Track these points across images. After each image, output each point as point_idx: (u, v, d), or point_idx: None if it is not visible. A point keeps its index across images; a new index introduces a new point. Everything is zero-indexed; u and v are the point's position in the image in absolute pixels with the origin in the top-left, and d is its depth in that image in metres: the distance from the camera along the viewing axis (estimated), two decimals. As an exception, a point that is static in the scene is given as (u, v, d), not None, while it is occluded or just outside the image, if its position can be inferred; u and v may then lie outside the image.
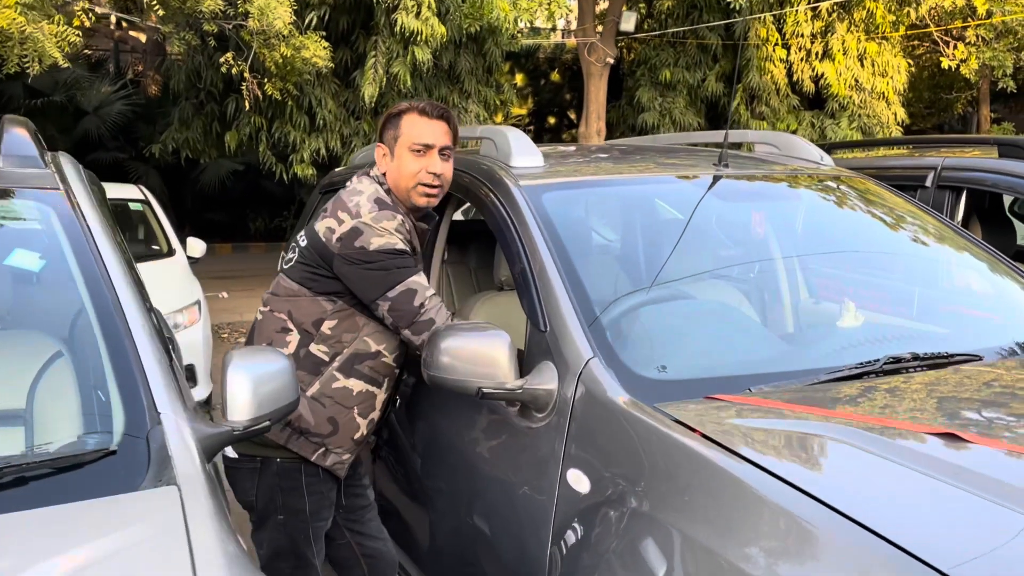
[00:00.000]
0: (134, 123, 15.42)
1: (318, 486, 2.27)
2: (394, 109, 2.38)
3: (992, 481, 1.45)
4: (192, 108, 10.14)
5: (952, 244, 2.80)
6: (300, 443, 2.23)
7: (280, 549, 2.29)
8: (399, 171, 2.30)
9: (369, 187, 2.28)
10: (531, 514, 1.97)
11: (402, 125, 2.31)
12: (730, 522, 1.48)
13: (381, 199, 2.24)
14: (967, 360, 2.10)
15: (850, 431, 1.62)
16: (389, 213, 2.20)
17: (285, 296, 2.28)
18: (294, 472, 2.25)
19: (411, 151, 2.28)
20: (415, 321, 2.17)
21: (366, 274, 2.16)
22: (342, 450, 2.28)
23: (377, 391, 2.31)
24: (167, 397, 1.61)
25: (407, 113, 2.32)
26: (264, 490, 2.26)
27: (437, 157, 2.30)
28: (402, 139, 2.30)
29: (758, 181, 2.77)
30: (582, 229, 2.65)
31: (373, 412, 2.32)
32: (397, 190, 2.30)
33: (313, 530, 2.30)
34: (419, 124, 2.30)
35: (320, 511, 2.30)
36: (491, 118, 11.52)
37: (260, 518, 2.31)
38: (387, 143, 2.34)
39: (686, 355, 2.14)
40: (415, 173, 2.28)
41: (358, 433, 2.30)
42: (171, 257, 6.63)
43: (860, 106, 11.75)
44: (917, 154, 4.42)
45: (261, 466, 2.25)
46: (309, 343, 2.24)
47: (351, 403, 2.26)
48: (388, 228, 2.18)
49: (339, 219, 2.21)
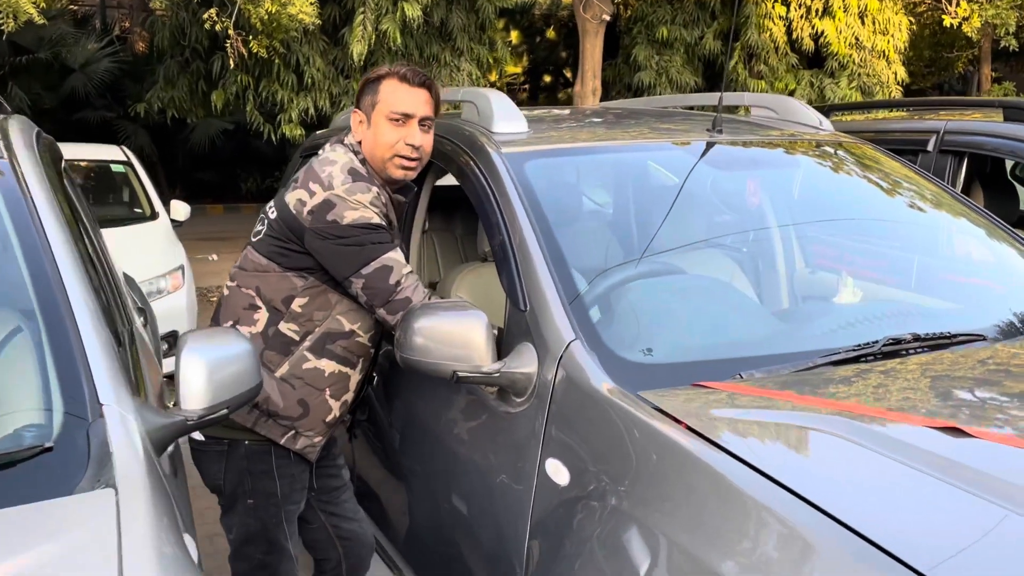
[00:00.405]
0: (121, 80, 15.14)
1: (289, 468, 2.17)
2: (373, 73, 2.22)
3: (995, 480, 1.35)
4: (177, 66, 9.88)
5: (952, 211, 2.68)
6: (268, 426, 2.12)
7: (250, 534, 2.20)
8: (375, 140, 2.16)
9: (343, 156, 2.13)
10: (509, 504, 1.87)
11: (381, 91, 2.16)
12: (717, 526, 1.37)
13: (355, 170, 2.10)
14: (969, 340, 1.99)
15: (845, 424, 1.51)
16: (364, 185, 2.06)
17: (253, 271, 2.15)
18: (263, 454, 2.14)
19: (389, 120, 2.14)
20: (390, 300, 2.04)
21: (339, 250, 2.03)
22: (313, 433, 2.17)
23: (351, 372, 2.19)
24: (112, 387, 1.49)
25: (387, 78, 2.17)
26: (232, 474, 2.16)
27: (416, 128, 2.15)
28: (380, 106, 2.15)
29: (753, 147, 2.64)
30: (566, 200, 2.52)
31: (346, 394, 2.21)
32: (372, 160, 2.17)
33: (284, 514, 2.20)
34: (399, 91, 2.15)
35: (291, 494, 2.20)
36: (484, 77, 11.29)
37: (229, 502, 2.21)
38: (364, 109, 2.20)
39: (674, 336, 2.03)
40: (392, 144, 2.14)
41: (330, 415, 2.19)
42: (154, 220, 6.48)
43: (860, 65, 11.52)
44: (918, 117, 4.27)
45: (228, 449, 2.14)
46: (278, 321, 2.12)
47: (323, 384, 2.15)
48: (362, 201, 2.04)
49: (310, 191, 2.07)
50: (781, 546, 1.29)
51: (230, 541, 2.24)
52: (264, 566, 2.22)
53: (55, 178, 2.05)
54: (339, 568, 2.46)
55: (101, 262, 2.47)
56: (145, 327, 3.20)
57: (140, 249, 5.96)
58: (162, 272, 5.76)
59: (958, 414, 1.59)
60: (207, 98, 9.83)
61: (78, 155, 7.12)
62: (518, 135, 2.44)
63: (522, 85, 20.35)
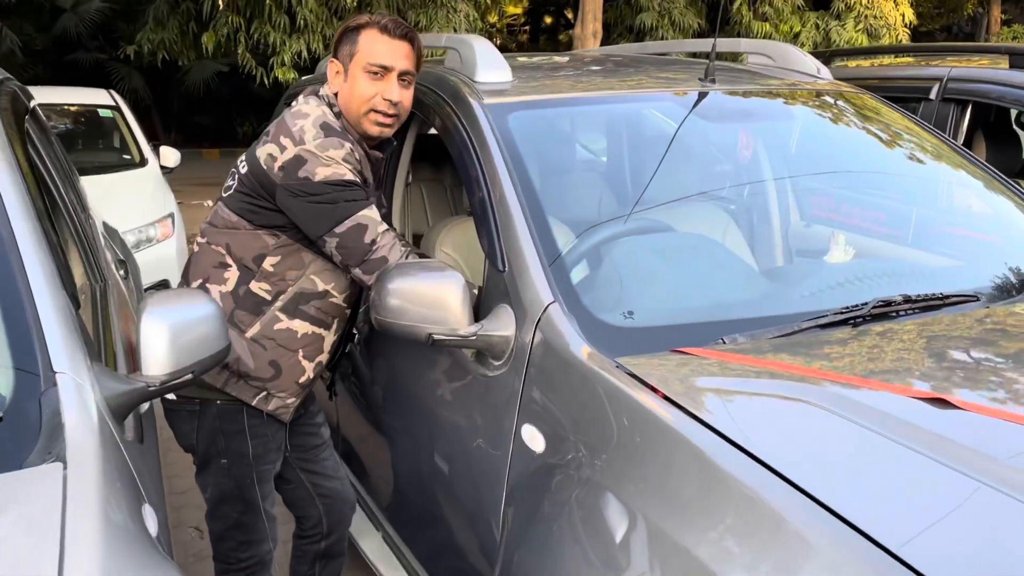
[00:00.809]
0: (114, 21, 14.87)
1: (262, 428, 2.13)
2: (352, 21, 2.11)
3: (980, 456, 1.30)
4: (167, 7, 9.68)
5: (952, 164, 2.60)
6: (239, 387, 2.07)
7: (224, 494, 2.17)
8: (351, 92, 2.06)
9: (315, 109, 2.03)
10: (486, 469, 1.83)
11: (360, 41, 2.05)
12: (691, 503, 1.33)
13: (328, 124, 2.00)
14: (962, 301, 1.93)
15: (827, 395, 1.46)
16: (336, 140, 1.97)
17: (223, 228, 2.07)
18: (235, 414, 2.10)
19: (367, 72, 2.04)
20: (366, 259, 1.97)
21: (311, 207, 1.95)
22: (286, 394, 2.12)
23: (325, 333, 2.13)
24: (67, 353, 1.43)
25: (367, 28, 2.06)
26: (205, 433, 2.12)
27: (395, 82, 2.05)
28: (358, 57, 2.05)
29: (747, 98, 2.54)
30: (551, 155, 2.44)
31: (320, 355, 2.15)
32: (347, 113, 2.07)
33: (258, 474, 2.16)
34: (379, 43, 2.04)
35: (266, 454, 2.16)
36: (483, 19, 11.05)
37: (202, 462, 2.17)
38: (341, 59, 2.09)
39: (657, 298, 1.96)
40: (369, 97, 2.04)
41: (303, 377, 2.13)
42: (143, 167, 6.38)
43: (867, 6, 11.27)
44: (924, 63, 4.15)
45: (200, 408, 2.10)
46: (249, 280, 2.05)
47: (295, 346, 2.09)
48: (335, 157, 1.95)
49: (281, 145, 1.97)
50: (754, 524, 1.24)
51: (206, 500, 2.22)
52: (240, 525, 2.19)
53: (12, 127, 1.95)
54: (320, 525, 2.44)
55: (71, 215, 2.40)
56: (126, 279, 3.14)
57: (129, 197, 5.88)
58: (151, 220, 5.68)
59: (946, 383, 1.53)
60: (198, 40, 9.63)
61: (64, 99, 6.99)
62: (502, 85, 2.35)
63: (522, 26, 19.98)
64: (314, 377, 2.17)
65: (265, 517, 2.22)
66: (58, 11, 14.66)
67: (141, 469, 1.54)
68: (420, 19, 9.51)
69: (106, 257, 2.83)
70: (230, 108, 16.50)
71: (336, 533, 2.47)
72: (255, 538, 2.22)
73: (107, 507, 1.18)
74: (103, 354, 1.82)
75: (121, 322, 2.33)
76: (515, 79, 2.40)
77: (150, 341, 1.55)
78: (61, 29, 14.56)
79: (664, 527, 1.34)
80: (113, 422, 1.47)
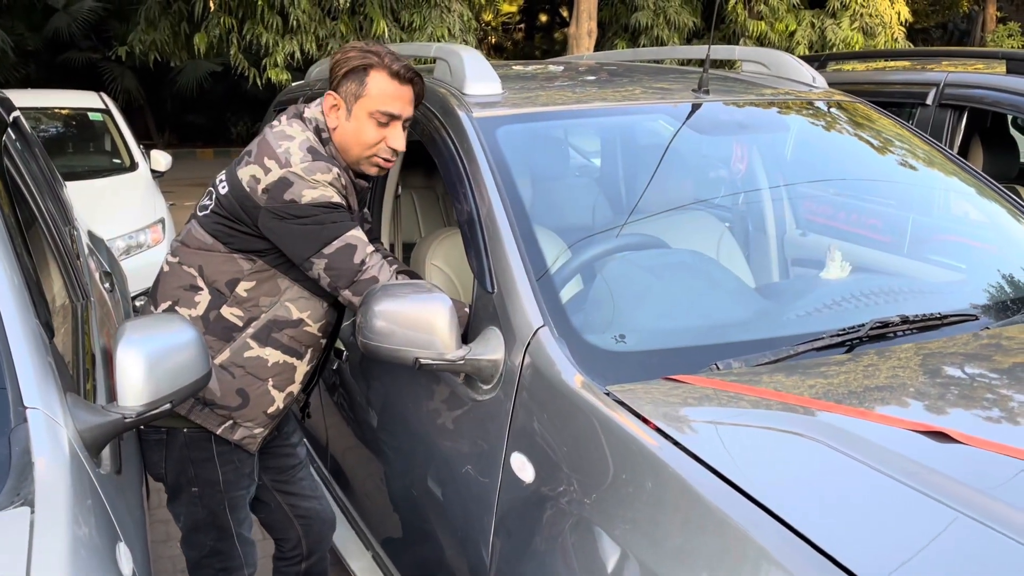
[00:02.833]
0: (106, 21, 14.79)
1: (231, 456, 2.07)
2: (359, 59, 1.98)
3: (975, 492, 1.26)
4: (159, 7, 9.59)
5: (946, 172, 2.56)
6: (204, 415, 2.01)
7: (198, 522, 2.12)
8: (355, 137, 1.99)
9: (300, 133, 1.96)
10: (475, 496, 1.79)
11: (368, 84, 1.97)
12: (681, 542, 1.29)
13: (314, 148, 1.94)
14: (960, 321, 1.89)
15: (822, 428, 1.41)
16: (324, 165, 1.91)
17: (196, 248, 2.00)
18: (204, 442, 2.04)
19: (373, 118, 1.97)
20: (356, 280, 1.92)
21: (297, 229, 1.89)
22: (253, 424, 2.05)
23: (297, 362, 2.07)
24: (38, 386, 1.39)
25: (376, 70, 1.97)
26: (173, 463, 2.06)
27: (400, 130, 2.00)
28: (365, 101, 1.96)
29: (741, 109, 2.50)
30: (540, 170, 2.39)
31: (292, 385, 2.09)
32: (345, 153, 2.01)
33: (231, 500, 2.11)
34: (389, 89, 1.97)
35: (237, 481, 2.11)
36: (477, 18, 10.98)
37: (173, 491, 2.11)
38: (344, 96, 1.99)
39: (649, 320, 1.92)
40: (372, 144, 1.98)
41: (272, 407, 2.07)
42: (133, 171, 6.32)
43: (862, 5, 11.21)
44: (920, 68, 4.11)
45: (167, 438, 2.04)
46: (221, 305, 1.98)
47: (265, 375, 2.02)
48: (322, 180, 1.89)
49: (265, 167, 1.91)
50: (744, 563, 1.20)
51: (180, 528, 2.16)
52: (215, 552, 2.14)
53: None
54: (299, 547, 2.39)
55: (52, 232, 2.35)
56: (112, 292, 3.09)
57: (119, 202, 5.83)
58: (142, 225, 5.63)
59: (943, 414, 1.49)
60: (190, 41, 9.55)
61: (54, 103, 6.93)
62: (491, 97, 2.30)
63: (517, 25, 19.91)
64: (284, 408, 2.11)
65: (242, 542, 2.17)
66: (50, 11, 14.56)
67: (117, 503, 1.50)
68: (414, 19, 9.45)
69: (90, 270, 2.78)
70: (224, 108, 16.43)
71: (317, 554, 2.43)
72: (231, 564, 2.17)
73: (76, 556, 1.14)
74: (80, 381, 1.78)
75: (104, 339, 2.29)
76: (505, 90, 2.35)
77: (127, 371, 1.51)
78: (53, 29, 14.48)
79: (653, 565, 1.29)
80: (88, 457, 1.43)
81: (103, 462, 1.54)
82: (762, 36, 11.40)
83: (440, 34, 9.33)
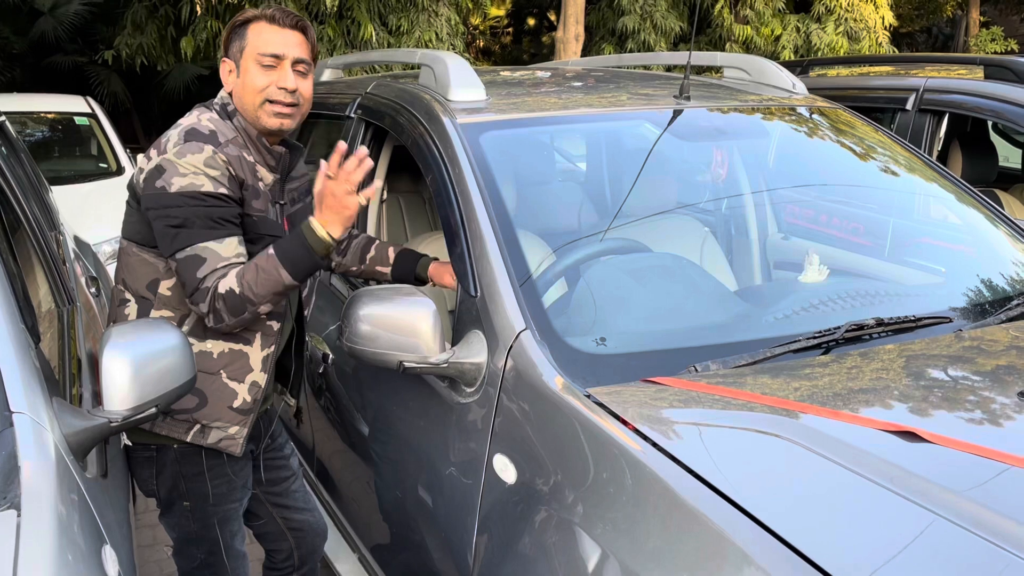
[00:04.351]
0: (93, 24, 14.72)
1: (222, 468, 2.05)
2: (239, 17, 2.01)
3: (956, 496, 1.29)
4: (145, 11, 9.58)
5: (924, 177, 2.60)
6: (168, 425, 1.96)
7: (190, 535, 2.11)
8: (244, 87, 1.95)
9: (191, 118, 1.93)
10: (458, 497, 1.81)
11: (248, 35, 1.96)
12: (660, 544, 1.31)
13: (195, 130, 1.88)
14: (935, 323, 1.92)
15: (797, 428, 1.45)
16: (195, 145, 1.85)
17: (120, 260, 1.99)
18: (194, 456, 2.01)
19: (258, 64, 1.94)
20: (195, 290, 1.85)
21: (159, 226, 1.85)
22: (223, 423, 1.99)
23: (247, 348, 1.99)
24: (24, 391, 1.40)
25: (255, 22, 1.96)
26: (164, 478, 2.04)
27: (289, 70, 1.94)
28: (248, 50, 1.95)
29: (722, 115, 2.53)
30: (524, 175, 2.42)
31: (251, 374, 2.00)
32: (244, 111, 1.96)
33: (223, 514, 2.10)
34: (268, 32, 1.95)
35: (229, 493, 2.09)
36: (465, 22, 11.01)
37: (165, 506, 2.10)
38: (232, 56, 1.98)
39: (630, 323, 1.95)
40: (261, 88, 1.93)
41: (237, 400, 1.99)
42: (120, 176, 6.31)
43: (847, 9, 11.31)
44: (903, 72, 4.16)
45: (157, 453, 2.02)
46: (149, 310, 1.95)
47: (214, 367, 1.96)
48: (193, 164, 1.83)
49: (148, 156, 1.89)
50: (722, 564, 1.23)
51: (172, 539, 2.16)
52: (207, 565, 2.13)
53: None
54: (291, 558, 2.39)
55: (37, 237, 2.36)
56: (97, 296, 3.10)
57: (105, 206, 5.81)
58: (128, 230, 5.62)
59: (916, 414, 1.52)
60: (177, 44, 9.54)
61: (40, 107, 6.91)
62: (475, 103, 2.33)
63: (505, 28, 19.95)
64: (252, 400, 2.01)
65: (233, 555, 2.15)
66: (36, 14, 14.49)
67: (103, 507, 1.51)
68: (401, 23, 9.47)
69: (76, 275, 2.79)
70: (211, 111, 16.36)
71: (308, 565, 2.43)
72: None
73: (62, 559, 1.15)
74: (67, 385, 1.79)
75: (90, 344, 2.30)
76: (490, 96, 2.38)
77: (112, 375, 1.53)
78: (39, 32, 14.40)
79: (633, 566, 1.32)
80: (73, 461, 1.44)
81: (89, 466, 1.55)
82: (748, 40, 11.48)
83: (428, 38, 9.36)
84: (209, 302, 1.84)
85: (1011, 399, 1.60)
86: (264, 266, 1.84)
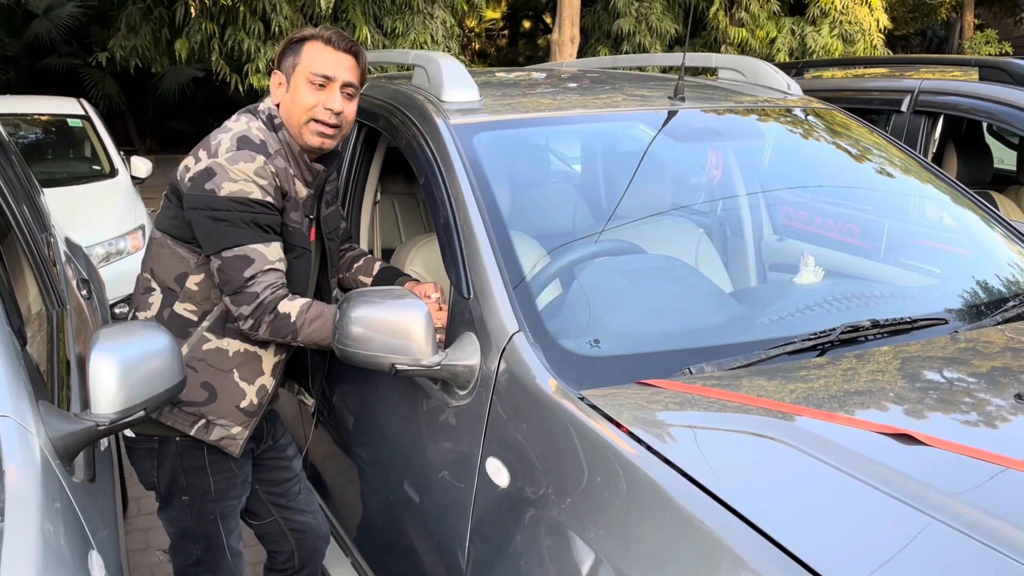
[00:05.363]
0: (87, 27, 14.70)
1: (224, 464, 2.06)
2: (296, 34, 2.08)
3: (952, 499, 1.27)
4: (140, 13, 9.56)
5: (920, 179, 2.60)
6: (173, 416, 1.98)
7: (187, 530, 2.11)
8: (292, 103, 2.01)
9: (241, 124, 1.99)
10: (451, 501, 1.80)
11: (303, 53, 2.02)
12: (653, 548, 1.30)
13: (247, 138, 1.94)
14: (931, 325, 1.91)
15: (793, 430, 1.43)
16: (248, 153, 1.91)
17: (151, 251, 2.04)
18: (196, 450, 2.03)
19: (309, 82, 1.99)
20: (238, 291, 1.90)
21: (207, 223, 1.90)
22: (227, 422, 2.01)
23: (261, 352, 2.04)
24: (9, 394, 1.39)
25: (311, 41, 2.03)
26: (165, 471, 2.05)
27: (338, 92, 2.00)
28: (300, 68, 2.01)
29: (716, 116, 2.52)
30: (517, 176, 2.40)
31: (261, 377, 2.05)
32: (289, 124, 2.02)
33: (222, 510, 2.10)
34: (322, 54, 2.01)
35: (229, 490, 2.10)
36: (459, 25, 11.00)
37: (164, 499, 2.10)
38: (284, 71, 2.05)
39: (624, 325, 1.93)
40: (309, 107, 1.99)
41: (244, 401, 2.02)
42: (113, 178, 6.29)
43: (842, 12, 11.32)
44: (898, 73, 4.16)
45: (159, 446, 2.03)
46: (173, 302, 1.99)
47: (228, 365, 2.00)
48: (245, 172, 1.89)
49: (197, 157, 1.94)
50: (715, 568, 1.22)
51: (169, 535, 2.16)
52: (203, 562, 2.13)
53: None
54: (292, 560, 2.38)
55: (27, 239, 2.34)
56: (89, 299, 3.08)
57: (99, 208, 5.80)
58: (122, 232, 5.60)
59: (912, 416, 1.51)
60: (171, 46, 9.53)
61: (33, 109, 6.89)
62: (469, 104, 2.32)
63: (501, 31, 19.95)
64: (259, 403, 2.06)
65: (230, 553, 2.15)
66: (30, 16, 14.47)
67: (91, 512, 1.49)
68: (397, 25, 9.46)
69: (67, 278, 2.77)
70: (206, 113, 16.33)
71: (309, 568, 2.42)
72: (218, 575, 2.16)
73: (46, 565, 1.13)
74: (55, 389, 1.77)
75: (79, 347, 2.28)
76: (483, 97, 2.37)
77: (100, 378, 1.51)
78: (33, 34, 14.38)
79: (626, 569, 1.30)
80: (60, 465, 1.42)
81: (76, 470, 1.53)
82: (743, 43, 11.49)
83: (423, 40, 9.36)
84: (256, 310, 1.91)
85: (1007, 401, 1.59)
86: (328, 316, 1.93)
